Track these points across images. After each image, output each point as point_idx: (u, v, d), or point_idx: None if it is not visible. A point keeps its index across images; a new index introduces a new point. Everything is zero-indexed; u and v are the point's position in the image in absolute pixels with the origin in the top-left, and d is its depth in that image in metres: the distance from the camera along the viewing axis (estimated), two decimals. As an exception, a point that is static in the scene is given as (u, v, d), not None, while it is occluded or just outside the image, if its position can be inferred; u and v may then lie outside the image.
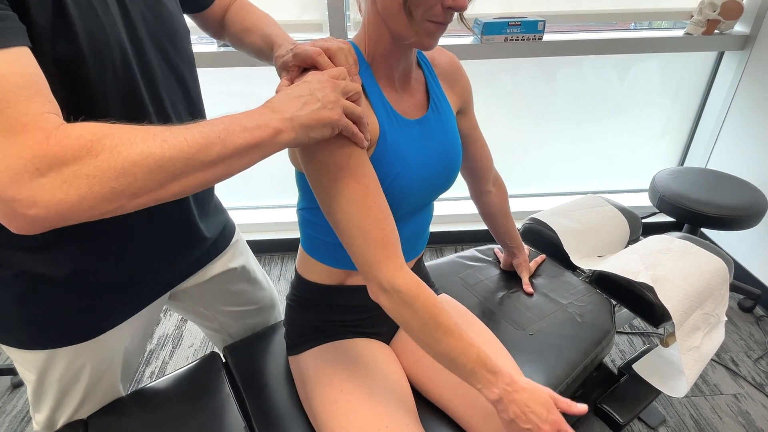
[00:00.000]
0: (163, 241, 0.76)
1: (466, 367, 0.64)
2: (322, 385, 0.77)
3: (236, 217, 2.40)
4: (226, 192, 2.17)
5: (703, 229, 2.06)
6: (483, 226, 1.15)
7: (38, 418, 0.81)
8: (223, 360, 0.98)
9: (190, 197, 0.78)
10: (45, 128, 0.42)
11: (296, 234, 1.85)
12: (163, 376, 0.93)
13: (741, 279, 1.94)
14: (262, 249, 2.21)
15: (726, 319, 1.22)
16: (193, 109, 0.74)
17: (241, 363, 0.96)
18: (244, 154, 0.51)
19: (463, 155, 0.93)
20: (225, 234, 0.92)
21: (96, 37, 0.54)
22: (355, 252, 0.63)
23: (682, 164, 2.30)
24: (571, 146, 2.23)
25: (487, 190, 1.04)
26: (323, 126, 0.56)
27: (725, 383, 1.57)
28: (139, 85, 0.61)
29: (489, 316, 1.07)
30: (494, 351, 0.85)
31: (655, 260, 1.17)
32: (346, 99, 0.59)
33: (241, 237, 1.00)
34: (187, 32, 0.72)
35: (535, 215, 1.37)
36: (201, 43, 1.85)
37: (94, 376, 0.78)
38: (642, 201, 2.23)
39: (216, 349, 1.04)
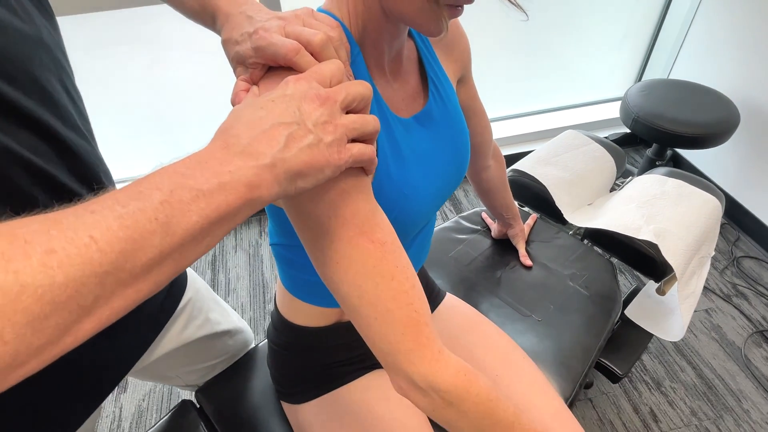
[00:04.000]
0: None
1: None
2: (331, 450, 0.65)
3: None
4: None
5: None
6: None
7: None
8: (197, 405, 0.83)
9: None
10: None
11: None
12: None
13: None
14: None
15: (714, 252, 1.20)
16: (79, 176, 0.47)
17: (222, 409, 0.81)
18: (202, 238, 0.30)
19: None
20: (172, 295, 0.69)
21: None
22: (371, 337, 0.44)
23: (643, 72, 2.20)
24: (535, 61, 2.06)
25: (486, 166, 0.88)
26: (319, 171, 0.35)
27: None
28: None
29: (491, 301, 0.96)
30: (515, 361, 0.75)
31: (652, 209, 1.09)
32: (350, 111, 0.38)
33: (197, 287, 0.76)
34: (63, 68, 0.46)
35: (518, 166, 1.23)
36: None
37: None
38: (610, 113, 2.16)
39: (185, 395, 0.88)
